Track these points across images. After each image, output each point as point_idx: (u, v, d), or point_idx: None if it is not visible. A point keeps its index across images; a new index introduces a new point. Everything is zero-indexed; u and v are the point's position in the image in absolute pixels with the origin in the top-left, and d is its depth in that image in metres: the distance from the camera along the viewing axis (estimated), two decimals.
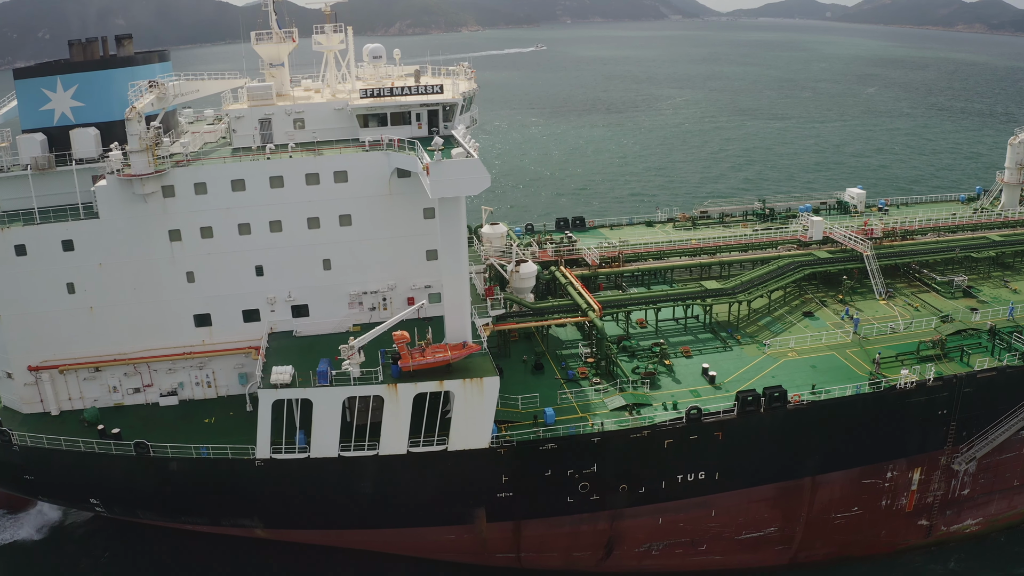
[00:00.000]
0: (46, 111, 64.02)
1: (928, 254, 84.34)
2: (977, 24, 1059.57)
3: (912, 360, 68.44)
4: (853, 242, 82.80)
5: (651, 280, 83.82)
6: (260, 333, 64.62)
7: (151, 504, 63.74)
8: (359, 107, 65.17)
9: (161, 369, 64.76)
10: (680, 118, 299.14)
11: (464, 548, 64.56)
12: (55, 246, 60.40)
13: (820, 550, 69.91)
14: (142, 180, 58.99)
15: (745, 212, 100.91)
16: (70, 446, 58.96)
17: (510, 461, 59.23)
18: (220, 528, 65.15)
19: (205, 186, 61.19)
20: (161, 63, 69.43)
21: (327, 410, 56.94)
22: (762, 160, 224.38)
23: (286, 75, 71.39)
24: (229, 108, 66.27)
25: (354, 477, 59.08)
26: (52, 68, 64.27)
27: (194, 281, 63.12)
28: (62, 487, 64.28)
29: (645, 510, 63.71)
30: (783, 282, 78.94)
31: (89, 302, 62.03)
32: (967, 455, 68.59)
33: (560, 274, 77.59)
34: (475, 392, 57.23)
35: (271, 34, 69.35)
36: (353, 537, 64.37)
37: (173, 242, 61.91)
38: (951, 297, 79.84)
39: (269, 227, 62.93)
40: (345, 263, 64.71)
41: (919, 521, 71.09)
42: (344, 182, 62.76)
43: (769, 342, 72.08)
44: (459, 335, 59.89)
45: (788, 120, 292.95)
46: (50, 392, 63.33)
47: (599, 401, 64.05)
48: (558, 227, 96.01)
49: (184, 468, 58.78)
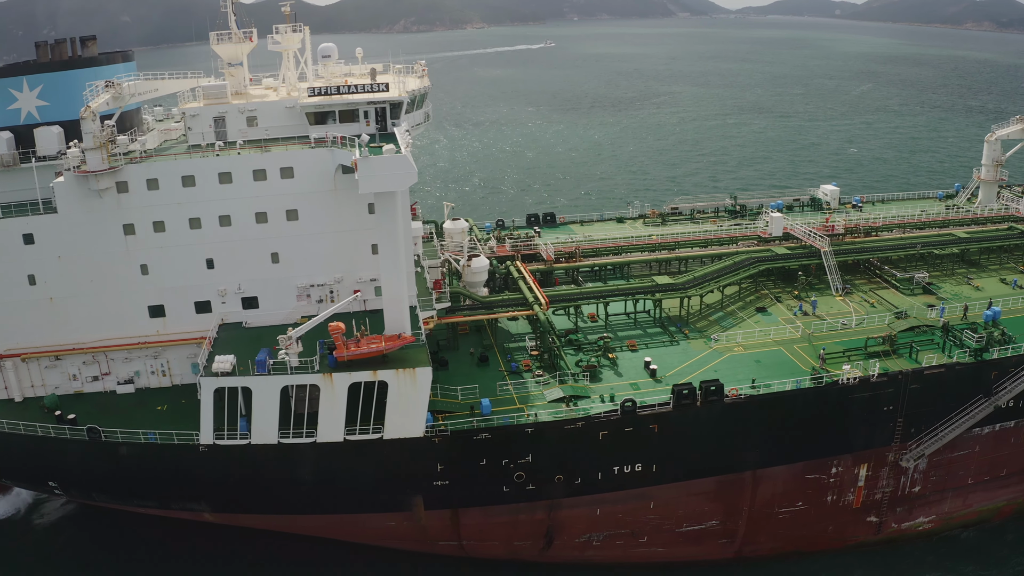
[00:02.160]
0: (13, 110, 66.93)
1: (889, 250, 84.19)
2: (986, 22, 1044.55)
3: (859, 356, 68.63)
4: (811, 238, 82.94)
5: (609, 275, 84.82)
6: (212, 324, 66.97)
7: (104, 487, 66.46)
8: (307, 105, 67.22)
9: (118, 358, 67.40)
10: (675, 115, 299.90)
11: (405, 535, 66.23)
12: (17, 239, 63.24)
13: (765, 544, 70.33)
14: (96, 176, 61.53)
15: (716, 208, 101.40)
16: (28, 430, 61.77)
17: (445, 450, 60.75)
18: (171, 512, 67.65)
19: (157, 182, 63.58)
20: (125, 63, 72.11)
21: (266, 398, 58.99)
22: (748, 156, 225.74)
23: (245, 74, 73.78)
24: (185, 107, 68.71)
25: (294, 464, 61.04)
26: (18, 69, 67.25)
27: (148, 273, 65.58)
28: (22, 470, 67.34)
29: (583, 501, 64.81)
30: (737, 277, 79.47)
31: (49, 293, 64.81)
32: (916, 452, 68.55)
33: (514, 269, 79.01)
34: (408, 382, 58.92)
35: (230, 34, 71.85)
36: (298, 523, 66.44)
37: (127, 236, 64.43)
38: (910, 294, 79.66)
39: (219, 221, 65.15)
40: (293, 256, 66.77)
41: (868, 518, 71.15)
42: (291, 178, 64.77)
43: (717, 336, 72.74)
44: (397, 327, 61.75)
45: (776, 116, 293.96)
46: (13, 379, 66.27)
47: (539, 393, 65.28)
48: (528, 223, 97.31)
49: (133, 453, 61.24)
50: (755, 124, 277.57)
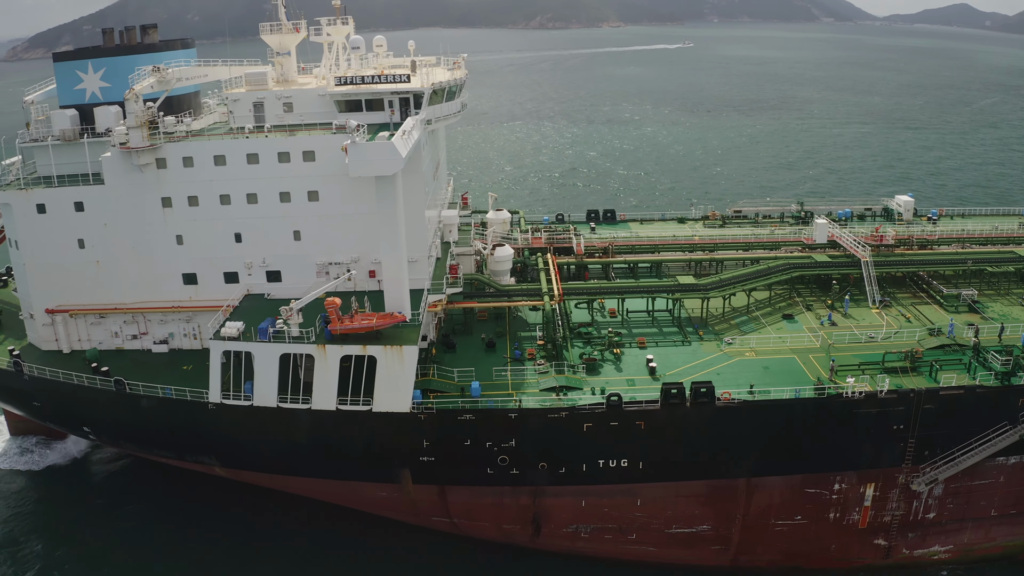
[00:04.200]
0: (79, 90, 74.26)
1: (937, 264, 79.57)
2: None
3: (875, 370, 65.76)
4: (853, 247, 79.61)
5: (643, 273, 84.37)
6: (239, 293, 71.84)
7: (128, 435, 72.77)
8: (335, 93, 70.98)
9: (154, 320, 73.42)
10: (800, 121, 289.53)
11: (397, 507, 68.85)
12: (69, 206, 70.15)
13: (763, 556, 68.47)
14: (138, 152, 67.53)
15: (782, 214, 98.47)
16: (65, 378, 68.52)
17: (430, 427, 62.86)
18: (185, 463, 73.11)
19: (192, 160, 68.90)
20: (184, 50, 78.41)
21: (266, 363, 62.99)
22: (847, 163, 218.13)
23: (293, 63, 78.49)
24: (228, 92, 73.96)
25: (291, 427, 64.72)
26: (85, 53, 74.61)
27: (183, 244, 71.09)
28: (61, 414, 74.54)
29: (567, 490, 65.36)
30: (767, 282, 77.42)
31: (96, 256, 71.45)
32: (929, 476, 64.88)
33: (542, 260, 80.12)
34: (395, 358, 61.49)
35: (280, 25, 76.74)
36: (297, 484, 70.31)
37: (165, 208, 70.13)
38: (953, 311, 75.06)
39: (246, 199, 69.79)
40: (313, 235, 70.61)
41: (875, 540, 67.92)
42: (312, 161, 68.64)
43: (731, 340, 71.34)
44: (396, 306, 64.51)
45: (888, 124, 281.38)
46: (63, 332, 73.45)
47: (534, 381, 66.30)
48: (588, 218, 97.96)
49: (152, 405, 66.71)
50: (861, 130, 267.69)
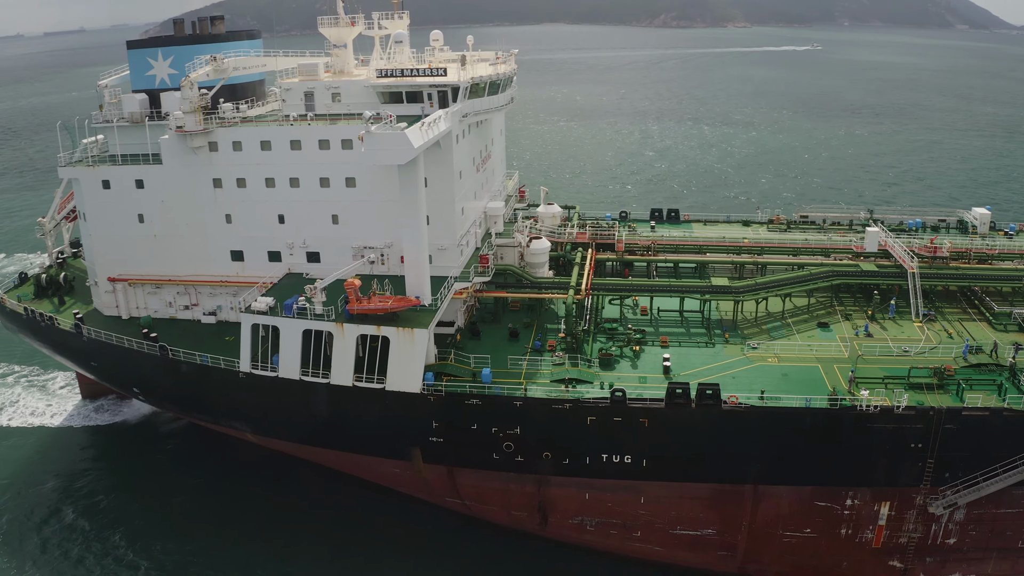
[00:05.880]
0: (149, 76, 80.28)
1: (988, 280, 75.41)
2: None
3: (899, 384, 63.42)
4: (902, 257, 76.53)
5: (686, 273, 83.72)
6: (281, 271, 75.95)
7: (171, 398, 78.31)
8: (377, 85, 74.01)
9: (204, 292, 78.58)
10: (920, 131, 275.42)
11: (410, 483, 71.39)
12: (131, 183, 76.02)
13: (771, 566, 67.23)
14: (191, 135, 72.55)
15: (851, 221, 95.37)
16: (117, 342, 74.38)
17: (439, 409, 64.96)
18: (221, 427, 77.91)
19: (241, 144, 73.38)
20: (250, 40, 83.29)
21: (290, 338, 66.66)
22: (945, 175, 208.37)
23: (350, 55, 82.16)
24: (282, 82, 78.13)
25: (312, 399, 68.14)
26: (156, 41, 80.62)
27: (231, 222, 75.81)
28: (113, 375, 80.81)
29: (570, 482, 66.08)
30: (805, 288, 75.58)
31: (154, 231, 77.12)
32: (948, 499, 62.04)
33: (579, 255, 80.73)
34: (407, 340, 63.94)
35: (337, 19, 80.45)
36: (318, 454, 73.89)
37: (216, 188, 74.94)
38: (1001, 330, 71.18)
39: (289, 183, 73.75)
40: (350, 219, 73.87)
41: (890, 561, 65.51)
42: (350, 149, 71.84)
43: (755, 344, 70.17)
44: (416, 290, 67.02)
45: (987, 135, 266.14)
46: (122, 299, 79.65)
47: (548, 372, 67.35)
48: (652, 217, 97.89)
49: (191, 370, 71.65)
50: (960, 142, 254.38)
